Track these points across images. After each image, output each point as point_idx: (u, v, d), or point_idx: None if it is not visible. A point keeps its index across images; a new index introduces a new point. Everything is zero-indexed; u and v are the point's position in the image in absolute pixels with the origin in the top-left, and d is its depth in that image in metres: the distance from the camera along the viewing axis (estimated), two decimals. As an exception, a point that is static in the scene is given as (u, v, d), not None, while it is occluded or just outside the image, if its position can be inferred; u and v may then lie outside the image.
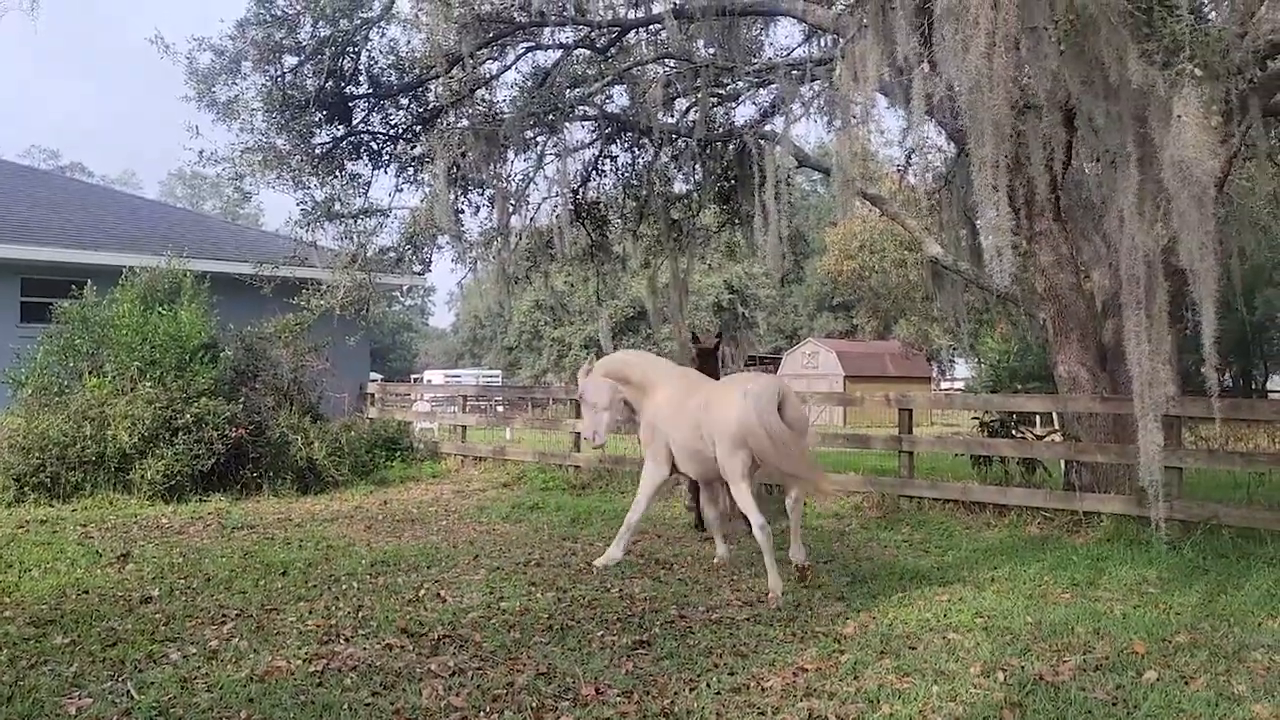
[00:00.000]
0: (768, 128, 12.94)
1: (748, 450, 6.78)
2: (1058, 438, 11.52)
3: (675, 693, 4.69)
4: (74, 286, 12.88)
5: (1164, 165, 6.38)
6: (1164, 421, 7.26)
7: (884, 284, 33.54)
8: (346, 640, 5.55)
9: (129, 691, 4.61)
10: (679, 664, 5.14)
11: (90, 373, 11.73)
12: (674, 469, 7.72)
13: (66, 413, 11.11)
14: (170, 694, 4.60)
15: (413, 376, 49.56)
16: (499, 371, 49.92)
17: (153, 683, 4.74)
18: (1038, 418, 15.24)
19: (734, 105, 14.11)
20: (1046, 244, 10.16)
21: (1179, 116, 6.21)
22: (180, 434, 11.15)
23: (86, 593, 6.64)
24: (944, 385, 44.01)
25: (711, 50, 12.44)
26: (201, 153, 12.44)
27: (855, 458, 15.08)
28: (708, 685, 4.79)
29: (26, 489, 10.62)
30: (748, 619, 6.09)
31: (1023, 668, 5.09)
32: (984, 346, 30.77)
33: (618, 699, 4.61)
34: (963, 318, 16.93)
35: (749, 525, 7.03)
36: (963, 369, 45.31)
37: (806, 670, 5.04)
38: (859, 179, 10.90)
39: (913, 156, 14.46)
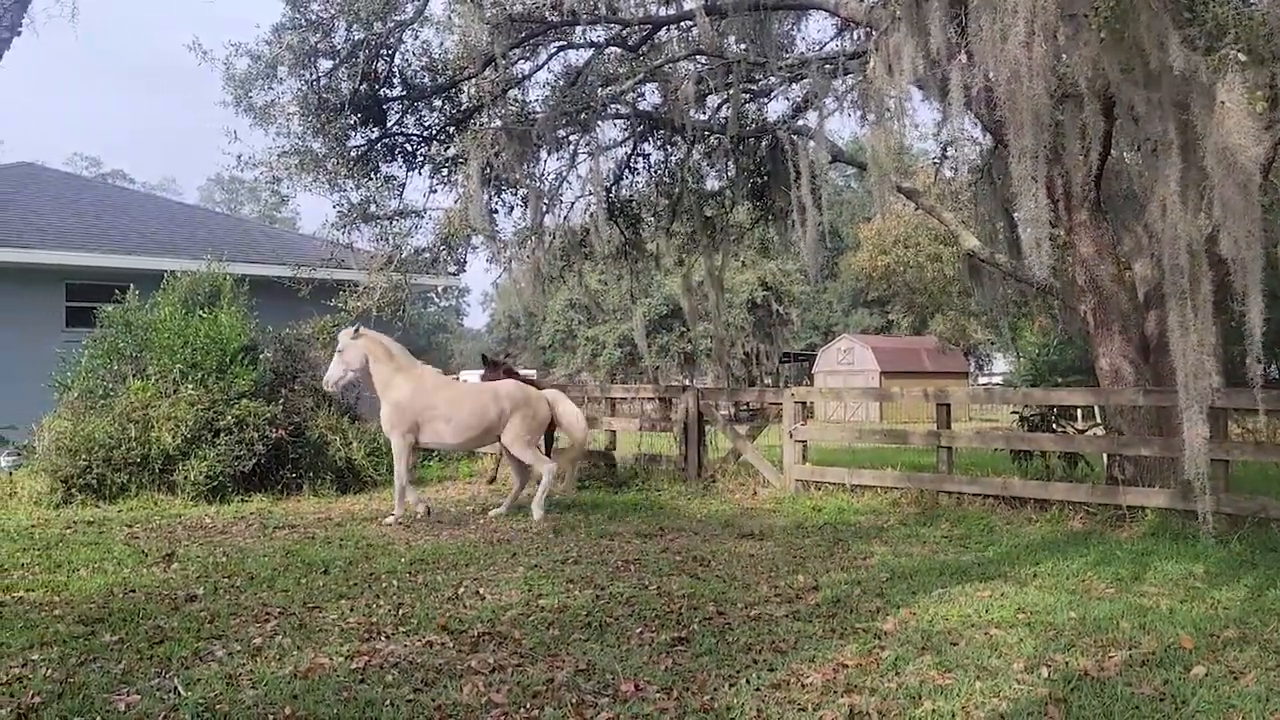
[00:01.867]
0: (801, 123, 12.88)
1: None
2: (1099, 431, 11.39)
3: (715, 689, 4.67)
4: (117, 291, 13.08)
5: (1207, 153, 6.27)
6: (1210, 414, 7.15)
7: (919, 279, 33.31)
8: (387, 638, 5.59)
9: (176, 688, 4.67)
10: (718, 660, 5.13)
11: (134, 376, 11.91)
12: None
13: (111, 415, 11.30)
14: (216, 691, 4.65)
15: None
16: (534, 371, 50.08)
17: (199, 679, 4.80)
18: (1079, 411, 15.06)
19: (766, 101, 14.07)
20: (1086, 235, 10.03)
21: (1223, 103, 6.11)
22: (222, 435, 11.30)
23: (133, 591, 6.74)
24: (982, 380, 43.61)
25: (743, 46, 12.41)
26: (240, 157, 12.62)
27: (893, 453, 14.99)
28: (747, 681, 4.77)
29: (74, 490, 10.81)
30: (786, 615, 6.06)
31: (1067, 663, 5.02)
32: (1022, 340, 30.45)
33: (657, 695, 4.61)
34: (1001, 311, 16.77)
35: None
36: (1001, 363, 44.86)
37: (847, 666, 5.01)
38: (894, 173, 10.81)
39: (948, 149, 14.36)
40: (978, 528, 9.18)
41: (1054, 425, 11.52)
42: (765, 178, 13.61)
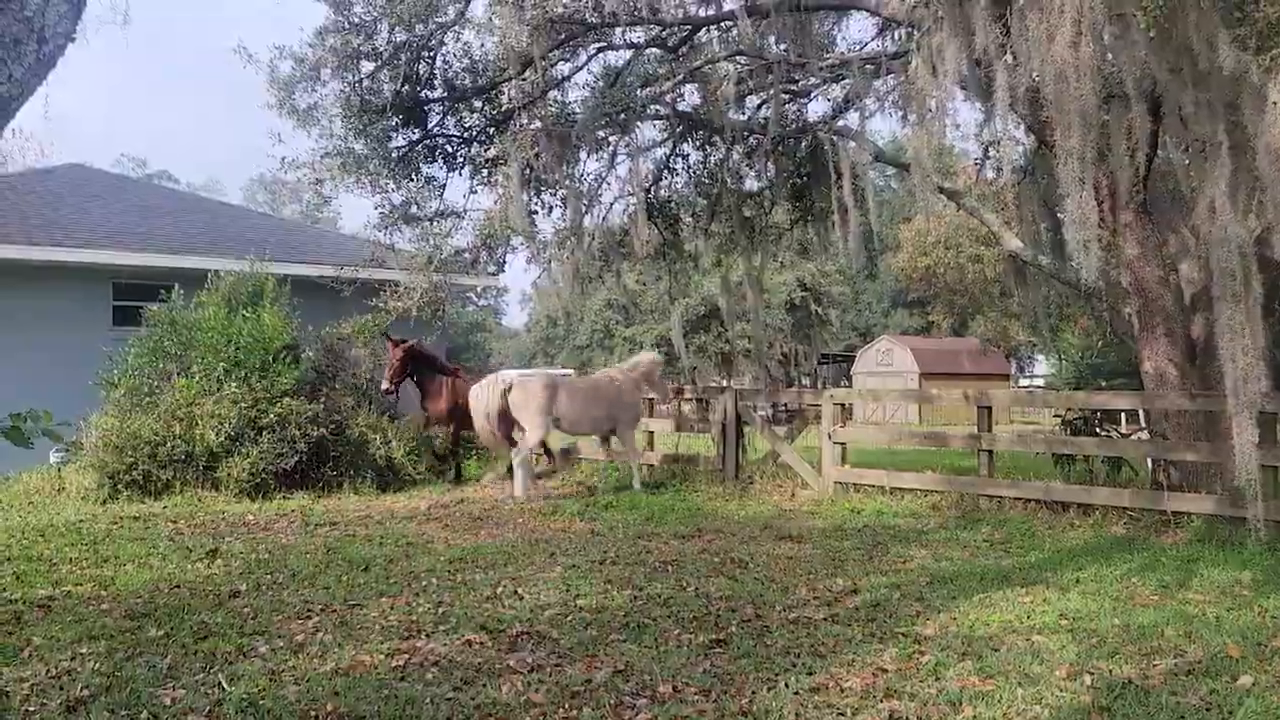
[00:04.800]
0: (841, 123, 12.81)
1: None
2: (1144, 435, 11.21)
3: (753, 692, 4.67)
4: (162, 290, 13.28)
5: (1259, 153, 6.16)
6: (1259, 418, 7.02)
7: (960, 280, 32.95)
8: (427, 636, 5.63)
9: (220, 683, 4.74)
10: (756, 663, 5.11)
11: (179, 374, 12.09)
12: None
13: (157, 413, 11.48)
14: (259, 686, 4.72)
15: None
16: (571, 370, 50.23)
17: (242, 675, 4.87)
18: (1123, 415, 14.85)
19: (806, 101, 13.99)
20: (1132, 236, 9.89)
21: (1275, 103, 5.99)
22: (264, 433, 11.44)
23: (178, 587, 6.84)
24: (1023, 382, 43.12)
25: (783, 46, 12.36)
26: (284, 159, 12.75)
27: (932, 456, 14.86)
28: (786, 685, 4.75)
29: (120, 486, 11.00)
30: (825, 619, 6.04)
31: (1110, 671, 4.96)
32: (1064, 343, 30.06)
33: (695, 697, 4.61)
34: (1042, 313, 16.55)
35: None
36: (1042, 366, 44.32)
37: (886, 671, 4.98)
38: (936, 174, 10.71)
39: (990, 150, 14.20)
40: (1019, 532, 9.08)
41: (1097, 429, 11.36)
42: (805, 178, 13.54)
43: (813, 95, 13.61)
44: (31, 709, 4.37)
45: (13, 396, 5.97)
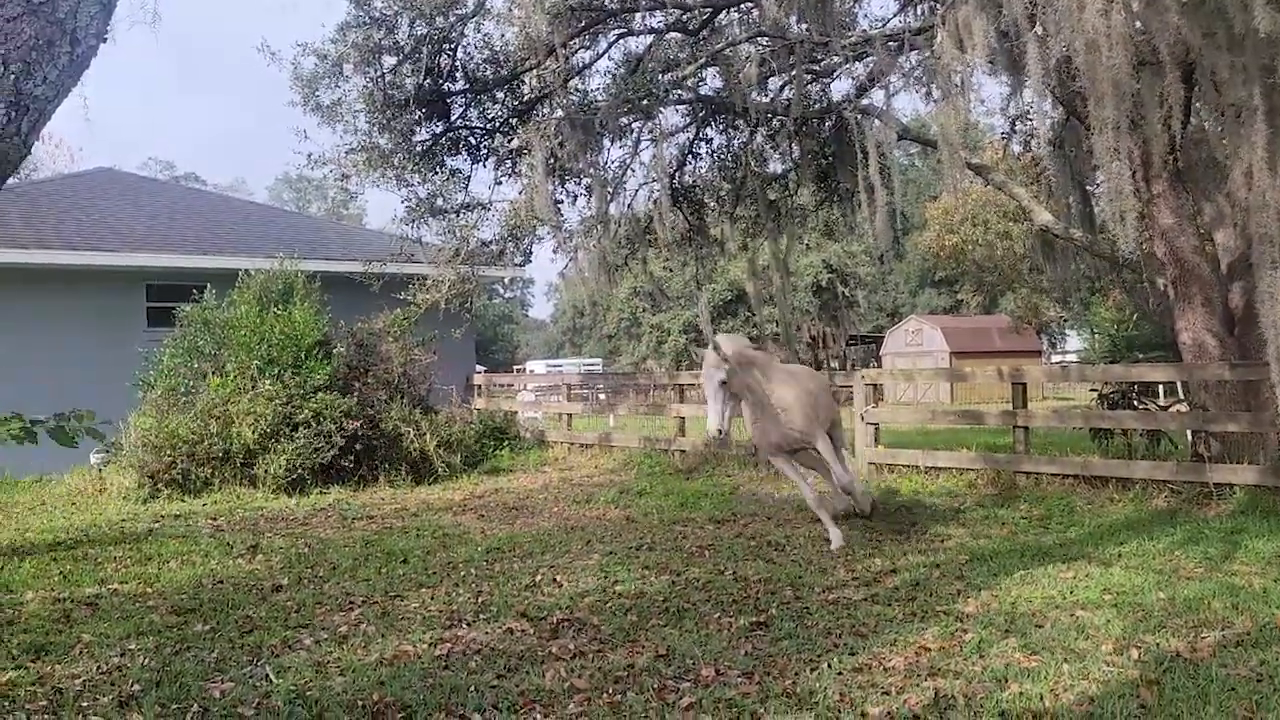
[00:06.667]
0: (865, 102, 12.69)
1: None
2: (1183, 408, 11.08)
3: (796, 673, 4.66)
4: (194, 291, 13.41)
5: (1296, 116, 6.04)
6: (1302, 387, 6.90)
7: (988, 257, 32.63)
8: (468, 625, 5.67)
9: (267, 675, 4.79)
10: (798, 644, 5.10)
11: (213, 373, 12.21)
12: None
13: (193, 412, 11.61)
14: (306, 678, 4.76)
15: (515, 368, 50.40)
16: (599, 360, 50.30)
17: (289, 667, 4.92)
18: (1160, 388, 14.67)
19: (829, 81, 13.87)
20: (1166, 206, 9.75)
21: (1312, 64, 5.87)
22: (299, 429, 11.54)
23: (221, 582, 6.92)
24: (1055, 358, 42.71)
25: (805, 26, 12.24)
26: (310, 155, 12.79)
27: (967, 434, 14.76)
28: (829, 665, 4.74)
29: (160, 485, 11.14)
30: (865, 599, 6.02)
31: (1157, 645, 4.91)
32: (1096, 317, 29.71)
33: (738, 679, 4.60)
34: (1073, 288, 16.37)
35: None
36: (1075, 341, 43.87)
37: (929, 649, 4.95)
38: (963, 150, 10.60)
39: (1017, 123, 14.04)
40: (1058, 508, 9.00)
41: (1135, 402, 11.23)
42: (829, 159, 13.43)
43: (836, 74, 13.49)
44: (85, 705, 4.43)
45: (51, 398, 6.05)
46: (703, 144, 14.32)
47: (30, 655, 5.22)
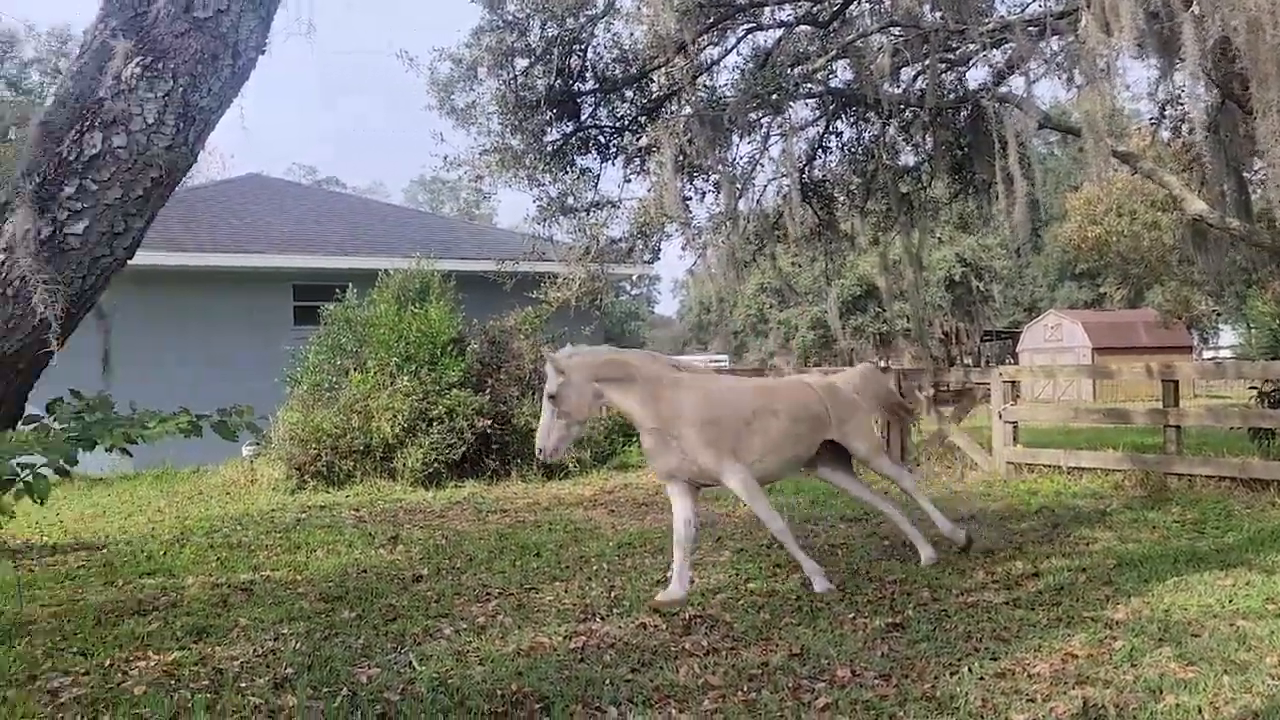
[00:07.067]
0: (1003, 90, 12.29)
1: None
2: (1353, 407, 10.37)
3: (935, 676, 4.55)
4: (337, 290, 13.94)
5: None
6: None
7: (1134, 248, 31.16)
8: (602, 619, 5.73)
9: (411, 663, 4.96)
10: (936, 647, 4.99)
11: (355, 369, 12.68)
12: None
13: (336, 407, 12.09)
14: (447, 666, 4.90)
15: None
16: (726, 356, 50.15)
17: (431, 655, 5.08)
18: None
19: (964, 70, 13.49)
20: (1334, 192, 9.13)
21: None
22: (435, 424, 11.88)
23: (365, 572, 7.19)
24: (1207, 354, 40.52)
25: (939, 14, 11.93)
26: (446, 157, 13.15)
27: (1111, 434, 14.16)
28: (969, 670, 4.61)
29: (306, 477, 11.65)
30: (1006, 602, 5.83)
31: (1329, 660, 4.61)
32: (1253, 310, 28.08)
33: (875, 681, 4.53)
34: (1227, 280, 15.49)
35: None
36: (1229, 336, 41.54)
37: (1076, 657, 4.77)
38: (1109, 137, 10.15)
39: (1167, 109, 13.37)
40: (1214, 512, 8.54)
41: (1299, 401, 10.57)
42: (964, 150, 13.07)
43: (972, 62, 13.11)
44: (243, 685, 4.67)
45: (206, 394, 6.38)
46: (833, 137, 14.12)
47: (193, 637, 5.54)
